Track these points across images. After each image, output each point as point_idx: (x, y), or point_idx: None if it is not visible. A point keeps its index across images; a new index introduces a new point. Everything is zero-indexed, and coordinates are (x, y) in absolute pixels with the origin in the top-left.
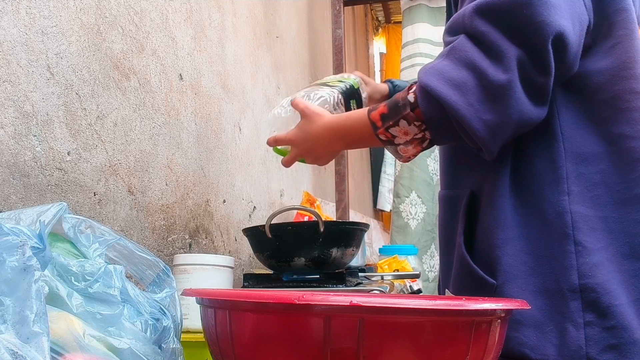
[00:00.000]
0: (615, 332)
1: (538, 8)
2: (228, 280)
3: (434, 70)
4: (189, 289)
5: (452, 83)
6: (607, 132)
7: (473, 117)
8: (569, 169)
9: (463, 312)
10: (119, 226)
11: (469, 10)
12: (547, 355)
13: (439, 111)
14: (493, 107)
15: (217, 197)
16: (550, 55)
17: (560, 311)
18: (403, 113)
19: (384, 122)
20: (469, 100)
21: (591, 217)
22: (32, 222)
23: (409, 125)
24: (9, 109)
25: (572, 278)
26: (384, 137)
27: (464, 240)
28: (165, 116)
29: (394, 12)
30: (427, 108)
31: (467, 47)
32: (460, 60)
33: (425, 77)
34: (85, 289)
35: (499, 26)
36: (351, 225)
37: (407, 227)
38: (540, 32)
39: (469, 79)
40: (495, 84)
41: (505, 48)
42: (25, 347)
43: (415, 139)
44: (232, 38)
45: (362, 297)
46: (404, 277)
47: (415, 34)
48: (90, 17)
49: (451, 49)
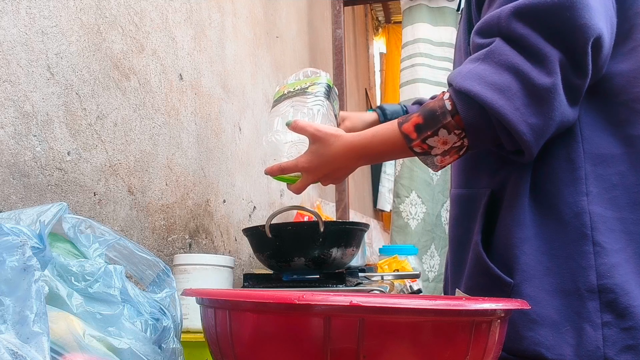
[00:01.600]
0: (633, 332)
1: (580, 11)
2: (228, 280)
3: (473, 74)
4: (189, 289)
5: (495, 87)
6: (625, 134)
7: (520, 121)
8: (588, 170)
9: (463, 312)
10: (119, 226)
11: (506, 13)
12: (563, 355)
13: (481, 117)
14: (539, 110)
15: (217, 197)
16: (589, 57)
17: (578, 311)
18: (443, 122)
19: (420, 134)
20: (515, 104)
21: (609, 218)
22: (32, 222)
23: (449, 134)
24: (9, 109)
25: (591, 278)
26: (419, 150)
27: (481, 239)
28: (165, 116)
29: (394, 12)
30: (468, 114)
31: (507, 51)
32: (500, 64)
33: (465, 82)
34: (85, 289)
35: (538, 29)
36: (351, 225)
37: (407, 227)
38: (582, 34)
39: (513, 83)
40: (540, 88)
41: (547, 51)
42: (25, 347)
43: (454, 147)
44: (232, 38)
45: (362, 297)
46: (404, 277)
47: (415, 34)
48: (90, 17)
49: (489, 52)
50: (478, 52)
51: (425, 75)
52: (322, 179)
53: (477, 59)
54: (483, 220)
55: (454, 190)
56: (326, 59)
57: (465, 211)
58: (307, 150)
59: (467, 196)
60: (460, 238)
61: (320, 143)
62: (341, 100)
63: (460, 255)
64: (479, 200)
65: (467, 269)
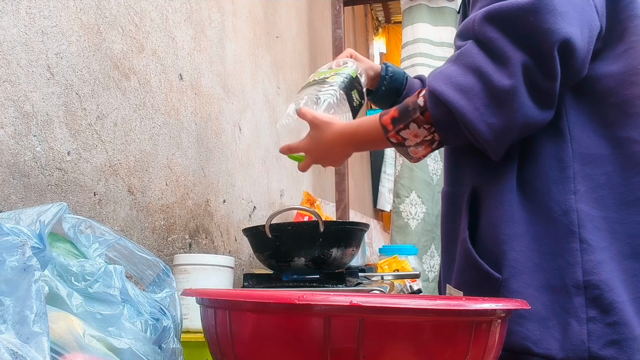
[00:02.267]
0: (616, 328)
1: (544, 16)
2: (228, 280)
3: (442, 75)
4: (189, 289)
5: (459, 88)
6: (614, 135)
7: (479, 120)
8: (576, 169)
9: (463, 312)
10: (119, 226)
11: (479, 17)
12: (549, 350)
13: (447, 114)
14: (498, 111)
15: (217, 197)
16: (557, 61)
17: (564, 307)
18: (413, 116)
19: (394, 126)
20: (475, 104)
21: (595, 217)
22: (32, 222)
23: (418, 128)
24: (9, 109)
25: (577, 275)
26: (395, 140)
27: (468, 235)
28: (165, 116)
29: (394, 12)
30: (435, 111)
31: (474, 53)
32: (467, 66)
33: (434, 81)
34: (85, 289)
35: (506, 32)
36: (351, 225)
37: (407, 227)
38: (546, 38)
39: (475, 84)
40: (499, 89)
41: (510, 54)
42: (25, 347)
43: (425, 140)
44: (232, 38)
45: (362, 297)
46: (404, 277)
47: (415, 34)
48: (90, 17)
49: (459, 54)
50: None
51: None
52: (319, 161)
53: (450, 60)
54: (468, 216)
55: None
56: (326, 59)
57: (451, 208)
58: (308, 134)
59: (452, 193)
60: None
61: (316, 129)
62: None
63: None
64: (462, 197)
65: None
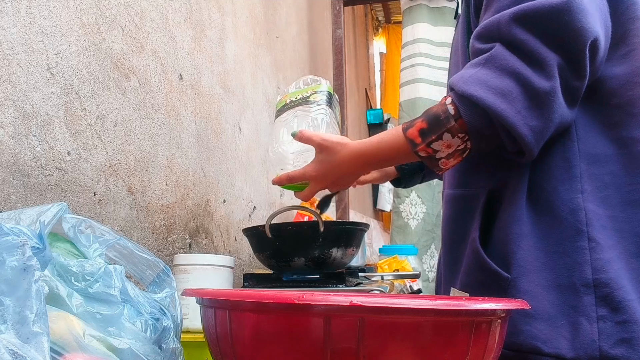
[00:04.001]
0: (627, 326)
1: (577, 15)
2: (228, 280)
3: (475, 79)
4: (189, 289)
5: (497, 91)
6: (619, 135)
7: (521, 124)
8: (583, 169)
9: (463, 312)
10: (119, 226)
11: (506, 18)
12: (559, 349)
13: (484, 120)
14: (539, 113)
15: (217, 197)
16: (587, 60)
17: (573, 305)
18: (447, 126)
19: (424, 138)
20: (516, 107)
21: (602, 216)
22: (32, 222)
23: (452, 137)
24: (9, 109)
25: (586, 273)
26: (424, 154)
27: (479, 235)
28: (165, 116)
29: (394, 12)
30: (471, 117)
31: (507, 56)
32: (501, 69)
33: (467, 86)
34: (85, 289)
35: (537, 34)
36: (351, 225)
37: (407, 227)
38: (580, 38)
39: (514, 87)
40: (540, 91)
41: (546, 55)
42: (25, 347)
43: (458, 150)
44: (232, 38)
45: (362, 297)
46: (404, 277)
47: (415, 34)
48: (90, 17)
49: (489, 57)
50: (478, 57)
51: (425, 75)
52: (329, 185)
53: (478, 64)
54: (481, 217)
55: (448, 190)
56: (326, 59)
57: (461, 210)
58: (314, 159)
59: (463, 196)
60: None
61: (327, 152)
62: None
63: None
64: (477, 199)
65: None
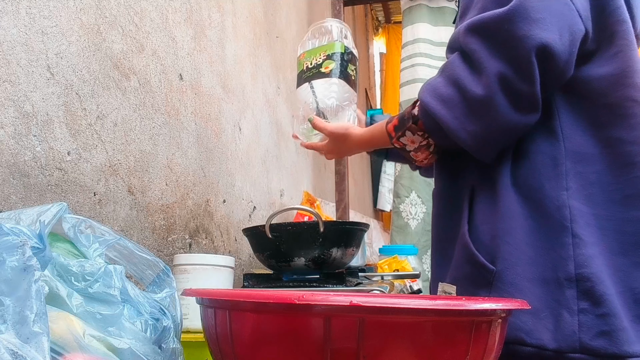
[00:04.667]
0: (607, 319)
1: (519, 23)
2: (228, 280)
3: (430, 87)
4: (189, 289)
5: (441, 99)
6: (605, 135)
7: (459, 128)
8: (569, 167)
9: (463, 312)
10: (119, 226)
11: (463, 29)
12: (542, 340)
13: (435, 123)
14: (475, 119)
15: (217, 197)
16: (534, 65)
17: (556, 299)
18: (407, 125)
19: (396, 133)
20: (455, 114)
21: (586, 213)
22: (32, 222)
23: (413, 135)
24: (9, 109)
25: (569, 268)
26: (398, 145)
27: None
28: (165, 116)
29: (394, 12)
30: (425, 120)
31: (456, 65)
32: (448, 78)
33: (422, 93)
34: (85, 289)
35: (485, 42)
36: (351, 225)
37: (407, 227)
38: (523, 45)
39: (455, 95)
40: (475, 99)
41: (486, 64)
42: (25, 347)
43: (422, 145)
44: (232, 38)
45: (362, 297)
46: (404, 277)
47: (415, 34)
48: (90, 17)
49: (444, 66)
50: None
51: (425, 75)
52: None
53: (438, 72)
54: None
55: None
56: None
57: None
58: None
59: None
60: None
61: (334, 140)
62: None
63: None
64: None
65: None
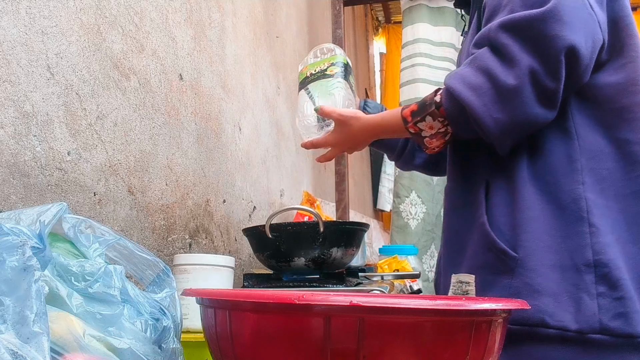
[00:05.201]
0: (623, 302)
1: (552, 24)
2: (228, 280)
3: (457, 75)
4: (189, 289)
5: (471, 86)
6: (614, 136)
7: (486, 115)
8: (583, 164)
9: (463, 312)
10: (119, 226)
11: (495, 26)
12: (563, 321)
13: (459, 110)
14: (503, 107)
15: (217, 197)
16: (562, 64)
17: (575, 283)
18: (429, 110)
19: (413, 118)
20: (483, 100)
21: (600, 205)
22: (32, 222)
23: (433, 120)
24: (9, 109)
25: (587, 255)
26: (412, 130)
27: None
28: (165, 116)
29: (394, 12)
30: (448, 106)
31: (486, 56)
32: (478, 68)
33: (449, 80)
34: (85, 289)
35: (518, 39)
36: (351, 225)
37: (407, 227)
38: (554, 44)
39: (485, 83)
40: (505, 88)
41: (519, 57)
42: (25, 347)
43: (439, 132)
44: (232, 38)
45: (362, 297)
46: (404, 277)
47: (415, 34)
48: (90, 17)
49: (473, 58)
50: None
51: (425, 75)
52: (345, 150)
53: (465, 64)
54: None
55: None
56: None
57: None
58: (334, 129)
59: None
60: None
61: (343, 125)
62: None
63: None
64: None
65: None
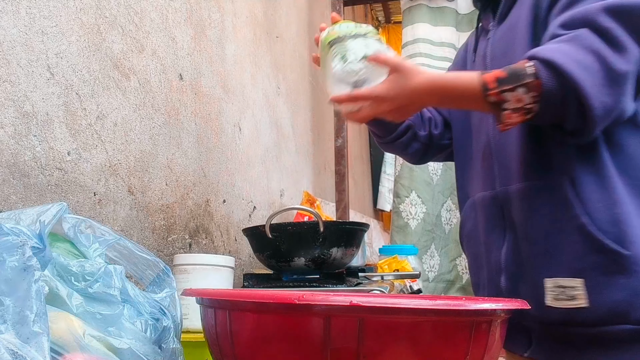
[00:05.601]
0: None
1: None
2: (228, 280)
3: (557, 50)
4: (189, 289)
5: (579, 63)
6: None
7: (595, 96)
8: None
9: (463, 312)
10: (119, 226)
11: (596, 8)
12: None
13: (560, 86)
14: (612, 91)
15: (217, 197)
16: None
17: None
18: (523, 81)
19: (499, 85)
20: (595, 80)
21: None
22: (32, 222)
23: (525, 93)
24: (9, 109)
25: None
26: (494, 99)
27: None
28: (165, 116)
29: (394, 12)
30: (547, 80)
31: (591, 37)
32: (584, 47)
33: (552, 54)
34: (85, 289)
35: (624, 25)
36: (351, 225)
37: (407, 227)
38: None
39: (594, 63)
40: (617, 72)
41: (629, 44)
42: (25, 347)
43: (525, 108)
44: (232, 38)
45: (362, 297)
46: (404, 277)
47: (415, 34)
48: (90, 17)
49: (573, 36)
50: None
51: None
52: (393, 110)
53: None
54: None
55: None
56: None
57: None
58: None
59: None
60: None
61: (404, 73)
62: None
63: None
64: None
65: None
